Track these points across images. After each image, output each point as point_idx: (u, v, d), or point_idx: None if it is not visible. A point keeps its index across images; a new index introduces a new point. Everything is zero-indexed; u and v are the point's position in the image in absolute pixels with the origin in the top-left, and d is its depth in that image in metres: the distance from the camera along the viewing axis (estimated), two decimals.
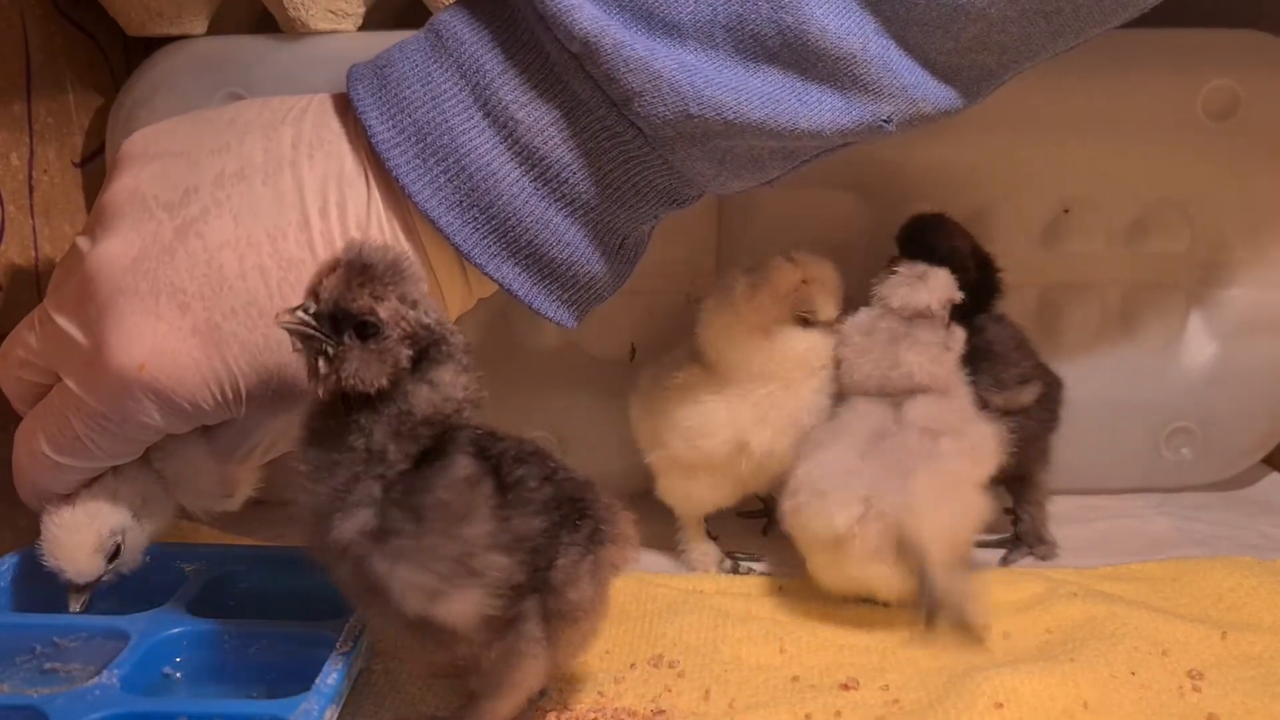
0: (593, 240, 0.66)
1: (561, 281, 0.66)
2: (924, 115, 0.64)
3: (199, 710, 0.60)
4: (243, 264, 0.63)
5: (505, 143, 0.63)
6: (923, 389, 0.75)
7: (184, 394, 0.64)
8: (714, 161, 0.64)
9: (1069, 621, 0.73)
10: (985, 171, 0.87)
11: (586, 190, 0.64)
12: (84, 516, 0.68)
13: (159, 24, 0.83)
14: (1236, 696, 0.65)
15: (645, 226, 0.69)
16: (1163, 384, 0.91)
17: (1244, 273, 0.90)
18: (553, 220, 0.64)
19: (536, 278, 0.66)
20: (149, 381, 0.63)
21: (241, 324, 0.63)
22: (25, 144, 0.82)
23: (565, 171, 0.63)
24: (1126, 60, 0.84)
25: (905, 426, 0.74)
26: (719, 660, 0.69)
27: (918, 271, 0.77)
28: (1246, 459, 0.95)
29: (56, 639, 0.66)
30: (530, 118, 0.62)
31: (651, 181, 0.65)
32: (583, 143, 0.63)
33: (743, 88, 0.61)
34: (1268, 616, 0.74)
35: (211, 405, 0.65)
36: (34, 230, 0.83)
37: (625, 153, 0.63)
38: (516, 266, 0.65)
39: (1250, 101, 0.86)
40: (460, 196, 0.63)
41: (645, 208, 0.66)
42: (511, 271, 0.65)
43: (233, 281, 0.63)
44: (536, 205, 0.64)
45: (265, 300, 0.63)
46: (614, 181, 0.64)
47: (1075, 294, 0.91)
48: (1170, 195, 0.88)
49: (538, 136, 0.63)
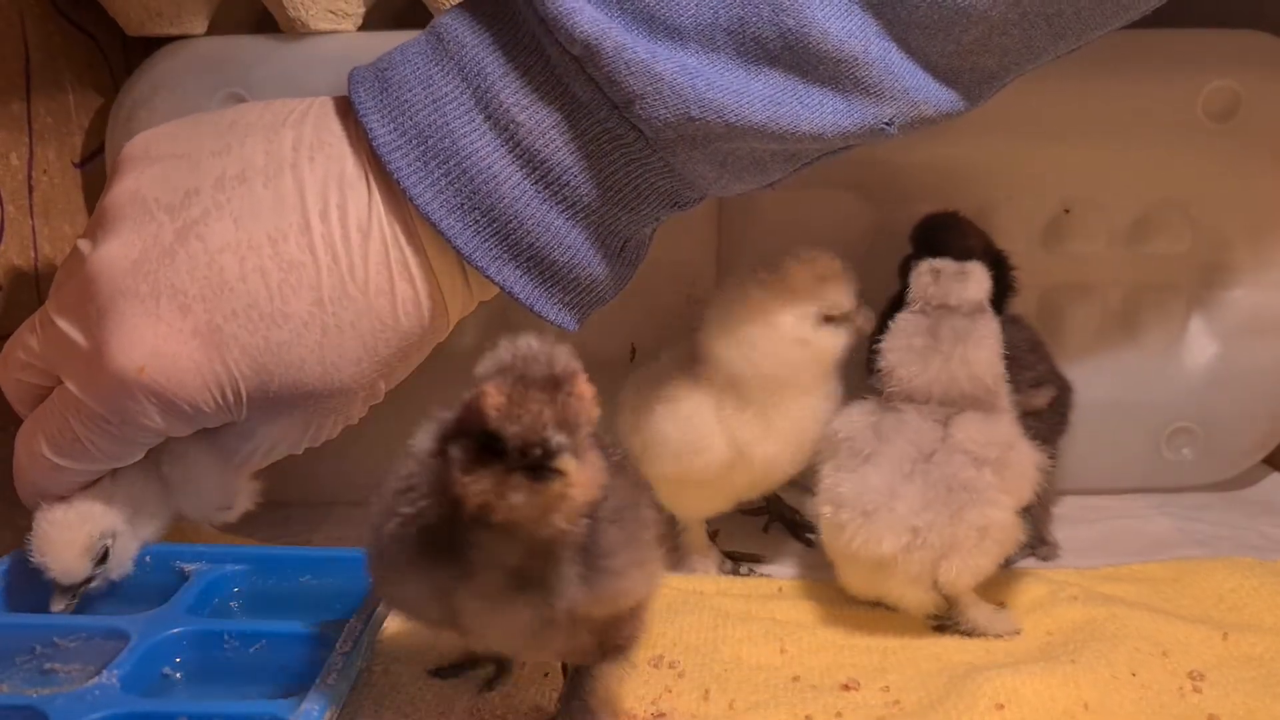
0: (594, 243, 0.66)
1: (563, 284, 0.66)
2: (926, 118, 0.64)
3: (199, 711, 0.60)
4: (243, 266, 0.63)
5: (506, 145, 0.63)
6: (978, 398, 0.74)
7: (184, 396, 0.64)
8: (715, 164, 0.64)
9: (1070, 623, 0.73)
10: (986, 172, 0.87)
11: (588, 193, 0.64)
12: (76, 517, 0.68)
13: (159, 24, 0.83)
14: (1237, 697, 0.65)
15: (647, 229, 0.69)
16: (1164, 385, 0.91)
17: (1245, 273, 0.90)
18: (554, 223, 0.64)
19: (538, 280, 0.65)
20: (149, 384, 0.63)
21: (242, 326, 0.63)
22: (25, 144, 0.82)
23: (566, 174, 0.63)
24: (1127, 61, 0.84)
25: (952, 449, 0.72)
26: (719, 661, 0.69)
27: (958, 268, 0.75)
28: (1247, 459, 0.95)
29: (56, 639, 0.66)
30: (531, 120, 0.62)
31: (653, 184, 0.65)
32: (584, 145, 0.63)
33: (744, 90, 0.61)
34: (1269, 617, 0.74)
35: (212, 407, 0.65)
36: (33, 231, 0.82)
37: (627, 155, 0.63)
38: (518, 269, 0.65)
39: (1251, 102, 0.86)
40: (461, 199, 0.63)
41: (647, 210, 0.66)
42: (513, 274, 0.65)
43: (234, 284, 0.63)
44: (538, 208, 0.63)
45: (266, 302, 0.63)
46: (616, 184, 0.64)
47: (1076, 295, 0.91)
48: (1171, 196, 0.88)
49: (539, 139, 0.63)
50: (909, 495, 0.71)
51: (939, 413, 0.73)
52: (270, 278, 0.63)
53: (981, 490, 0.71)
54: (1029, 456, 0.73)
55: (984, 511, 0.71)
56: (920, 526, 0.70)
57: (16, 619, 0.69)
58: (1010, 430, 0.74)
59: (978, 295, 0.75)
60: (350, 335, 0.65)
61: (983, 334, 0.74)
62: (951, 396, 0.73)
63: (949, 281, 0.75)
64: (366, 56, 0.67)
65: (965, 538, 0.70)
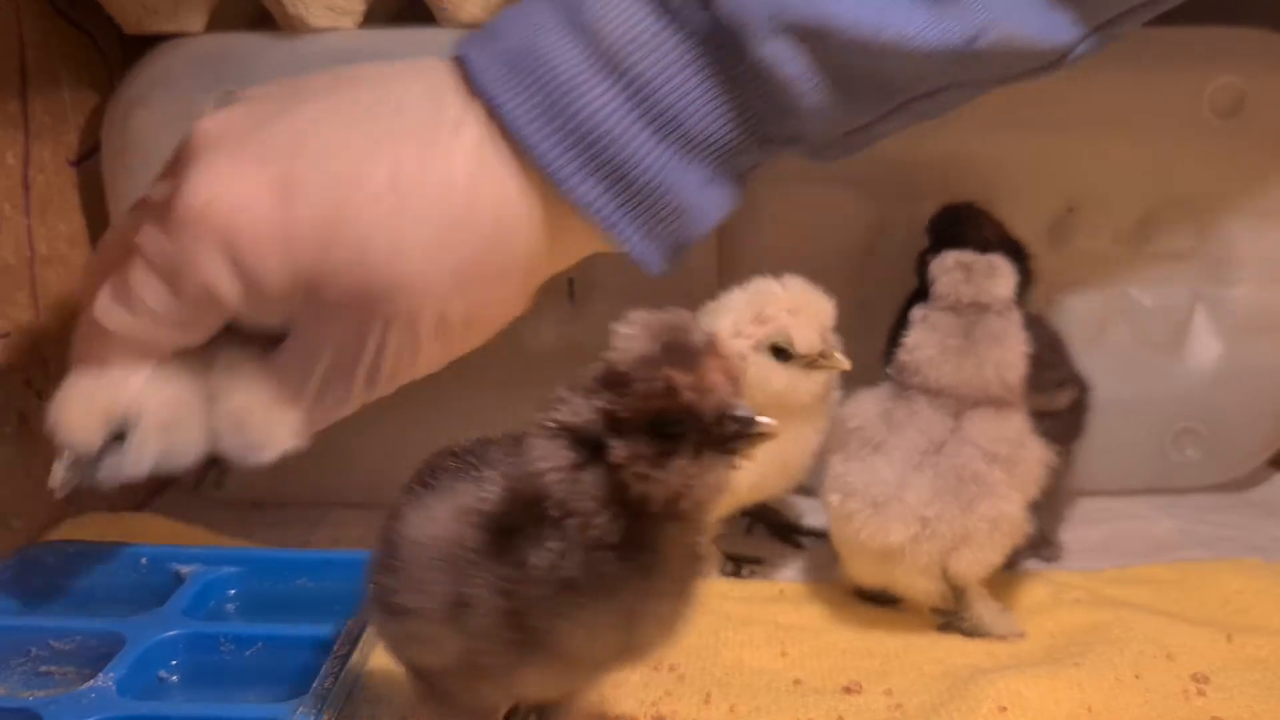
0: (679, 162, 0.63)
1: (647, 209, 0.63)
2: (1024, 47, 0.62)
3: (195, 714, 0.60)
4: (331, 134, 0.61)
5: (591, 55, 0.61)
6: (1000, 396, 0.72)
7: (248, 246, 0.61)
8: (800, 73, 0.61)
9: (1074, 625, 0.72)
10: (990, 169, 0.87)
11: (675, 104, 0.62)
12: (106, 383, 0.63)
13: (156, 21, 0.83)
14: (1242, 700, 0.65)
15: (739, 160, 0.65)
16: (1169, 384, 0.91)
17: (1251, 271, 0.89)
18: (637, 136, 0.61)
19: (620, 201, 0.63)
20: (215, 220, 0.60)
21: (316, 185, 0.61)
22: (20, 142, 0.81)
23: (651, 85, 0.61)
24: (1132, 58, 0.83)
25: (963, 442, 0.71)
26: (720, 664, 0.69)
27: (987, 263, 0.74)
28: (1253, 460, 0.94)
29: (52, 642, 0.66)
30: (616, 29, 0.61)
31: (743, 102, 0.63)
32: (671, 53, 0.61)
33: None
34: (1274, 619, 0.74)
35: (273, 274, 0.61)
36: (29, 230, 0.82)
37: (713, 61, 0.61)
38: (599, 184, 0.62)
39: (1257, 99, 0.85)
40: (544, 109, 0.61)
41: (735, 134, 0.63)
42: (594, 190, 0.62)
43: (317, 146, 0.61)
44: (621, 119, 0.61)
45: (345, 166, 0.61)
46: (702, 98, 0.62)
47: (1080, 293, 0.90)
48: (1176, 194, 0.88)
49: (624, 48, 0.61)
50: (919, 486, 0.71)
51: (951, 405, 0.73)
52: (354, 148, 0.61)
53: (992, 484, 0.71)
54: (1038, 454, 0.73)
55: (995, 504, 0.71)
56: (930, 517, 0.70)
57: (12, 621, 0.68)
58: (1021, 427, 0.73)
59: (1007, 291, 0.74)
60: (424, 221, 0.61)
61: (1014, 334, 0.73)
62: (974, 394, 0.72)
63: (980, 279, 0.73)
64: (366, 54, 0.67)
65: (976, 530, 0.70)
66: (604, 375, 0.48)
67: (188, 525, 0.84)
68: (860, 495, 0.71)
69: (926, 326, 0.74)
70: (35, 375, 0.82)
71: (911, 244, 0.86)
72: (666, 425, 0.46)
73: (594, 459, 0.48)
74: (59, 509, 0.83)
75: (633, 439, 0.47)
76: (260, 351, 0.65)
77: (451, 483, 0.52)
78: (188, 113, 0.81)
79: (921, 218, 0.87)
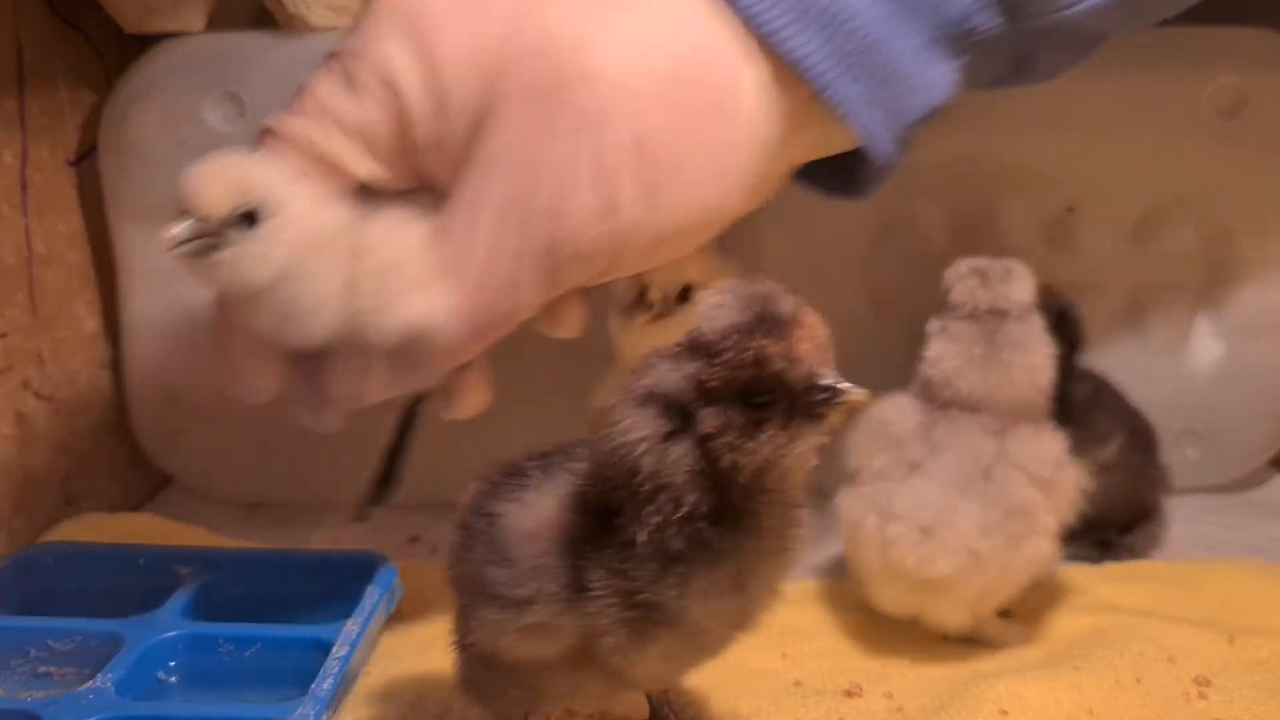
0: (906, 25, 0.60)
1: (872, 74, 0.59)
2: None
3: (194, 715, 0.60)
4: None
5: None
6: (1033, 404, 0.70)
7: (432, 23, 0.57)
8: None
9: (1074, 628, 0.72)
10: (991, 169, 0.86)
11: None
12: (259, 163, 0.59)
13: (156, 21, 0.83)
14: (1243, 703, 0.65)
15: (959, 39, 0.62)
16: (1169, 385, 0.91)
17: (1252, 272, 0.89)
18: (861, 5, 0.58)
19: (841, 66, 0.59)
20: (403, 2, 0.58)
21: (517, 39, 0.57)
22: (18, 142, 0.81)
23: None
24: (1133, 58, 0.83)
25: (1009, 467, 0.68)
26: (720, 666, 0.68)
27: (1003, 267, 0.72)
28: (1254, 461, 0.94)
29: (51, 642, 0.65)
30: None
31: None
32: None
33: None
34: (1275, 620, 0.74)
35: (455, 58, 0.57)
36: (26, 230, 0.82)
37: None
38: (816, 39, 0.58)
39: (1258, 99, 0.85)
40: None
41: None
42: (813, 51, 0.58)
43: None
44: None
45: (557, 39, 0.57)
46: None
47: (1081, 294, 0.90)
48: (1177, 194, 0.88)
49: None
50: (968, 512, 0.66)
51: (993, 423, 0.69)
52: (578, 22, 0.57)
53: (1036, 516, 0.68)
54: (1074, 478, 0.70)
55: (1038, 544, 0.68)
56: (979, 551, 0.66)
57: (11, 622, 0.68)
58: (1060, 447, 0.70)
59: (1026, 295, 0.72)
60: (623, 25, 0.57)
61: (1038, 338, 0.71)
62: (1009, 404, 0.69)
63: (997, 284, 0.71)
64: None
65: (1018, 567, 0.68)
66: (692, 344, 0.48)
67: (187, 525, 0.84)
68: (905, 520, 0.67)
69: (946, 337, 0.71)
70: (33, 375, 0.82)
71: (913, 245, 0.86)
72: (756, 395, 0.46)
73: (682, 429, 0.47)
74: (59, 509, 0.83)
75: (723, 408, 0.46)
76: (425, 226, 0.60)
77: (545, 478, 0.53)
78: (186, 113, 0.82)
79: (923, 218, 0.86)
